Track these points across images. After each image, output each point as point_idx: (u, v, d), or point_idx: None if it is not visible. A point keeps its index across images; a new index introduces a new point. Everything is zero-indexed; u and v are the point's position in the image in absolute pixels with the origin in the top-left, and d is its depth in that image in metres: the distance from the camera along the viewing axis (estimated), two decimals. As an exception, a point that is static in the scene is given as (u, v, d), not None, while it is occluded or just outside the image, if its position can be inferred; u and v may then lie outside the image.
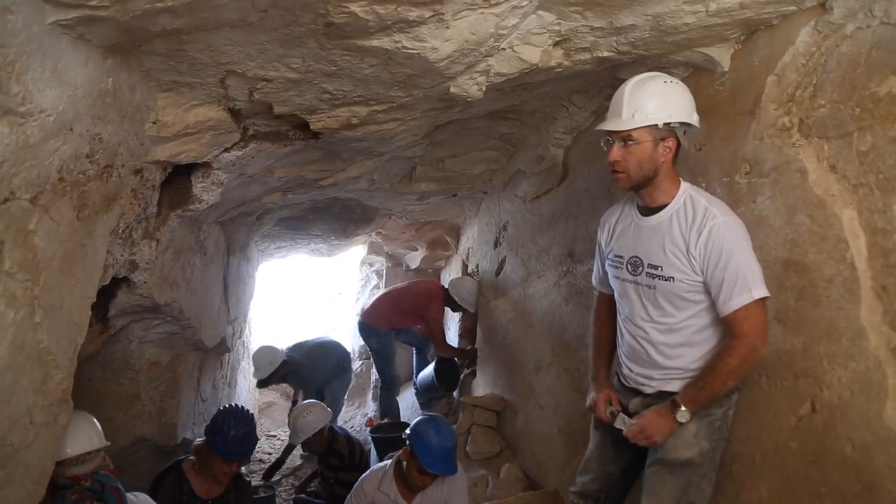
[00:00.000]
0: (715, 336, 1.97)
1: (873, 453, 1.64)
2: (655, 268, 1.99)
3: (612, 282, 2.20)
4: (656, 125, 1.88)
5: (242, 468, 3.41)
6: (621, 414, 2.10)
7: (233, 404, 3.35)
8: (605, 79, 2.79)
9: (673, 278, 1.94)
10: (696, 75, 2.41)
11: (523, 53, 2.18)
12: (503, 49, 2.14)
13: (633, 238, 2.09)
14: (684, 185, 2.00)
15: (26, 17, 1.27)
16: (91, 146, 1.74)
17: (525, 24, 2.02)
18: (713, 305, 1.92)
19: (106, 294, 2.84)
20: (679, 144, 1.94)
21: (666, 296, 1.98)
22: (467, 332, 6.21)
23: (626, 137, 1.91)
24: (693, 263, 1.90)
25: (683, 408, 1.92)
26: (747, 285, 1.82)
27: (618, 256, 2.14)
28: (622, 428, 2.05)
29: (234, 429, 3.08)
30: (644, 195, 2.03)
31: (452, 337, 6.68)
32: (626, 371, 2.18)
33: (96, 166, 1.81)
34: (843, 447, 1.71)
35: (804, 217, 1.89)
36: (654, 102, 1.88)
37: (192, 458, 3.16)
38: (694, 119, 1.93)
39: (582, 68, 2.41)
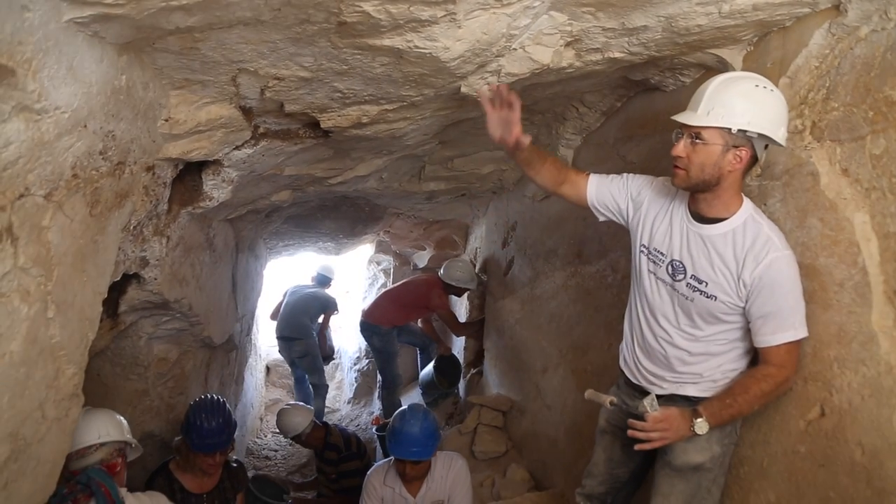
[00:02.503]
0: (738, 349, 1.95)
1: (883, 459, 1.63)
2: (700, 282, 1.90)
3: (642, 273, 2.10)
4: (729, 130, 1.74)
5: (233, 454, 3.40)
6: (653, 395, 1.94)
7: (202, 396, 3.31)
8: (616, 80, 2.79)
9: (715, 297, 1.88)
10: (708, 77, 2.39)
11: (535, 54, 2.18)
12: (514, 49, 2.14)
13: (680, 240, 1.97)
14: (747, 204, 1.88)
15: (43, 15, 1.28)
16: (104, 143, 1.75)
17: (537, 24, 2.02)
18: (744, 326, 1.90)
19: (116, 290, 2.85)
20: (755, 158, 1.81)
21: (701, 312, 1.93)
22: (476, 310, 6.21)
23: (696, 134, 1.78)
24: (740, 289, 1.83)
25: (702, 419, 1.84)
26: (793, 324, 1.79)
27: (659, 252, 2.02)
28: (649, 409, 1.89)
29: (207, 421, 3.06)
30: (700, 201, 1.90)
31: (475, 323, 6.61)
32: (635, 366, 2.15)
33: (109, 163, 1.83)
34: (852, 452, 1.71)
35: (815, 220, 1.88)
36: (735, 104, 1.73)
37: (176, 457, 3.16)
38: (779, 135, 1.75)
39: (593, 69, 2.40)
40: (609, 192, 2.17)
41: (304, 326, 6.64)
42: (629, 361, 2.19)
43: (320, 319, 7.08)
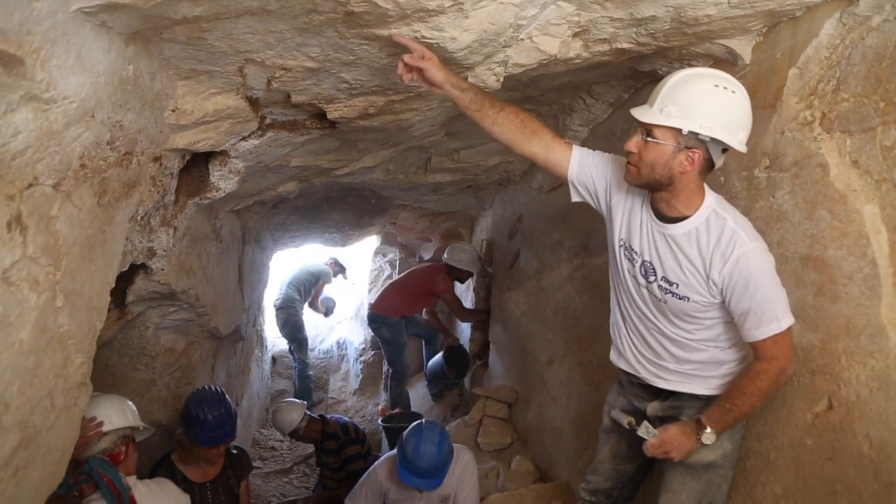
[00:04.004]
0: (725, 341, 1.93)
1: (891, 452, 1.62)
2: (671, 283, 1.87)
3: (623, 269, 2.02)
4: (680, 130, 1.68)
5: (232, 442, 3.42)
6: (645, 422, 2.02)
7: (201, 388, 3.28)
8: (624, 70, 2.77)
9: (688, 298, 1.85)
10: (717, 68, 2.38)
11: (542, 44, 2.17)
12: (522, 40, 2.13)
13: (647, 240, 1.92)
14: (710, 199, 1.81)
15: (51, 5, 1.28)
16: (112, 133, 1.75)
17: (544, 14, 2.01)
18: (724, 318, 1.88)
19: (124, 280, 2.87)
20: (711, 161, 1.73)
21: (675, 312, 1.91)
22: (481, 302, 6.21)
23: (647, 131, 1.73)
24: (712, 288, 1.80)
25: (709, 429, 1.85)
26: (775, 315, 1.75)
27: (633, 250, 1.96)
28: (646, 437, 1.98)
29: (209, 414, 3.04)
30: (658, 200, 1.85)
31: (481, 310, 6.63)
32: (636, 360, 2.09)
33: (117, 153, 1.83)
34: (860, 445, 1.70)
35: (824, 212, 1.87)
36: (689, 104, 1.66)
37: (177, 448, 3.16)
38: (735, 141, 1.68)
39: (601, 60, 2.39)
40: (590, 173, 2.03)
41: (289, 298, 7.08)
42: (628, 356, 2.13)
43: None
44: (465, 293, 6.67)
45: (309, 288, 7.43)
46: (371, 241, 8.64)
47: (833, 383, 1.81)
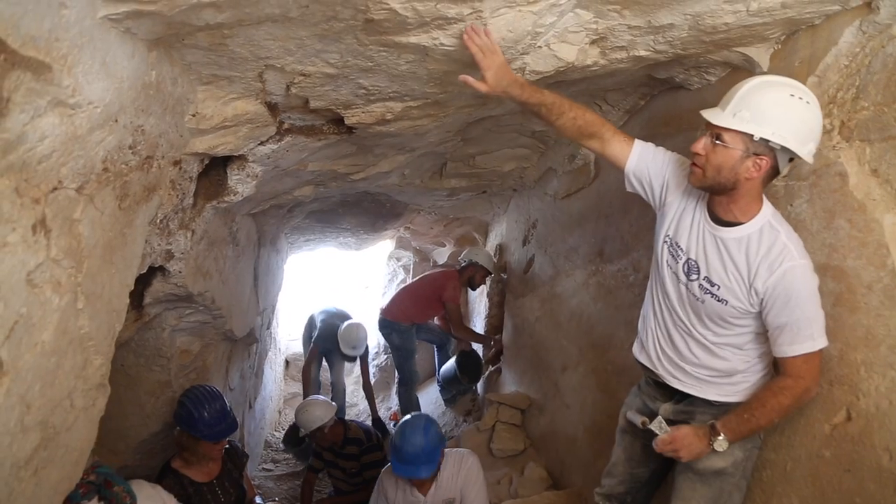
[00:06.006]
0: (752, 351, 1.92)
1: (910, 464, 1.61)
2: (712, 284, 1.87)
3: (662, 265, 2.04)
4: (752, 136, 1.67)
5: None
6: (659, 417, 2.03)
7: (194, 387, 3.34)
8: (640, 78, 2.77)
9: (726, 301, 1.85)
10: (735, 75, 2.38)
11: (560, 51, 2.17)
12: (540, 47, 2.14)
13: (697, 239, 1.92)
14: (766, 209, 1.82)
15: (79, 12, 1.30)
16: (134, 137, 1.77)
17: (562, 22, 2.01)
18: (756, 329, 1.87)
19: (141, 282, 2.89)
20: (776, 169, 1.74)
21: (710, 314, 1.91)
22: (494, 319, 6.21)
23: (717, 135, 1.73)
24: (752, 297, 1.80)
25: (723, 437, 1.86)
26: (811, 334, 1.74)
27: (679, 247, 1.97)
28: (657, 432, 1.99)
29: (209, 411, 3.11)
30: (717, 204, 1.85)
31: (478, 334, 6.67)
32: (656, 356, 2.10)
33: (138, 157, 1.85)
34: (879, 457, 1.68)
35: (843, 221, 1.86)
36: (764, 111, 1.65)
37: (176, 455, 3.18)
38: (804, 151, 1.67)
39: (618, 67, 2.39)
40: (647, 169, 2.05)
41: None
42: (650, 350, 2.14)
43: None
44: (480, 298, 6.66)
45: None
46: (385, 246, 8.67)
47: (852, 394, 1.79)
